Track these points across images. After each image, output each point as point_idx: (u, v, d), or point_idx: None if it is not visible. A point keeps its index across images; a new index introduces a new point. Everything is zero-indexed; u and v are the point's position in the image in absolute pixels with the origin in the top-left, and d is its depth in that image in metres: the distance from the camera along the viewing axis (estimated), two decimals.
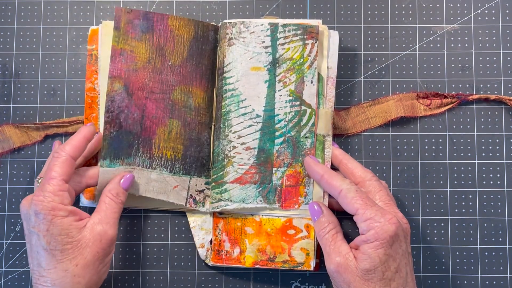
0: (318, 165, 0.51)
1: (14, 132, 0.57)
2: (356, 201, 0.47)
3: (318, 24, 0.54)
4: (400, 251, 0.46)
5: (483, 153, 0.56)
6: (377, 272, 0.45)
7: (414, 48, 0.57)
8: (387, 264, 0.45)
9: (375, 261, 0.45)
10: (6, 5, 0.59)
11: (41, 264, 0.47)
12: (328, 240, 0.48)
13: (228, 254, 0.54)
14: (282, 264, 0.53)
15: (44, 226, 0.46)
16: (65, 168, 0.48)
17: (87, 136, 0.51)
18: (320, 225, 0.50)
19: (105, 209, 0.50)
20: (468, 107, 0.56)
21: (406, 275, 0.46)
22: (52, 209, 0.47)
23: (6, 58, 0.58)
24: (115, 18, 0.54)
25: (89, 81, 0.56)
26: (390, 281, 0.45)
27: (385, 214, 0.46)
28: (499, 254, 0.55)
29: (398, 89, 0.57)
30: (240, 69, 0.53)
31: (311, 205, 0.51)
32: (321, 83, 0.53)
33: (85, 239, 0.48)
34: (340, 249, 0.47)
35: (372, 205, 0.46)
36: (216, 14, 0.58)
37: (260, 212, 0.53)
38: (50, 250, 0.46)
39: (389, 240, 0.45)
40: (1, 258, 0.57)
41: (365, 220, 0.46)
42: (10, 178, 0.57)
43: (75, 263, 0.47)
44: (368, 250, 0.45)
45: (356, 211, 0.47)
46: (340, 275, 0.46)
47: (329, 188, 0.50)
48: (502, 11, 0.57)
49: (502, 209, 0.55)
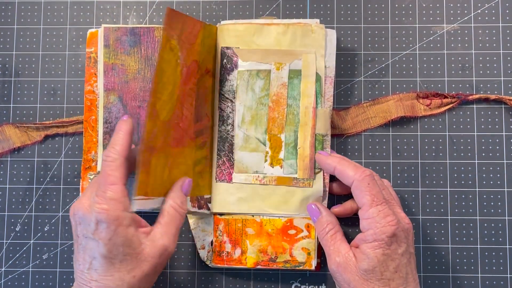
0: (329, 158, 0.51)
1: (14, 132, 0.57)
2: (364, 195, 0.47)
3: (316, 23, 0.54)
4: (400, 251, 0.46)
5: (483, 153, 0.56)
6: (376, 272, 0.45)
7: (414, 48, 0.57)
8: (385, 264, 0.45)
9: (373, 261, 0.45)
10: (6, 5, 0.59)
11: (97, 270, 0.45)
12: (328, 241, 0.49)
13: (229, 255, 0.54)
14: (283, 264, 0.53)
15: (107, 235, 0.45)
16: (122, 172, 0.47)
17: (130, 131, 0.48)
18: (320, 226, 0.50)
19: (168, 222, 0.48)
20: (468, 107, 0.56)
21: (406, 275, 0.46)
22: (117, 218, 0.45)
23: (6, 58, 0.58)
24: (104, 36, 0.56)
25: (88, 84, 0.56)
26: (389, 281, 0.45)
27: (387, 215, 0.46)
28: (499, 254, 0.55)
29: (398, 89, 0.57)
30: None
31: (310, 206, 0.52)
32: (318, 83, 0.53)
33: (145, 252, 0.46)
34: (339, 248, 0.48)
35: (379, 203, 0.47)
36: (216, 14, 0.58)
37: (260, 213, 0.54)
38: (110, 258, 0.45)
39: (387, 241, 0.45)
40: (1, 258, 0.57)
41: (366, 219, 0.46)
42: (10, 178, 0.57)
43: (133, 275, 0.46)
44: (366, 250, 0.46)
45: (362, 206, 0.47)
46: (340, 274, 0.47)
47: (342, 178, 0.50)
48: (502, 11, 0.57)
49: (502, 209, 0.55)
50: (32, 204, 0.57)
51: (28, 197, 0.57)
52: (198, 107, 0.54)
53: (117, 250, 0.45)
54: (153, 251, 0.47)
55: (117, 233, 0.45)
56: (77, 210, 0.46)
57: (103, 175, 0.46)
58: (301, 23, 0.54)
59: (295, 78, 0.54)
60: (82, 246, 0.46)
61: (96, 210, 0.45)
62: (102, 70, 0.56)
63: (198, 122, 0.54)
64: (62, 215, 0.57)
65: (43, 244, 0.57)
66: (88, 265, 0.46)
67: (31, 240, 0.57)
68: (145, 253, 0.46)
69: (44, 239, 0.57)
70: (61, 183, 0.57)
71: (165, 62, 0.49)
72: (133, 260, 0.46)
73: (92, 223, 0.45)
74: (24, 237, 0.57)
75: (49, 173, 0.57)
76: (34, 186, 0.57)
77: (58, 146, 0.57)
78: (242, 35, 0.54)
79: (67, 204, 0.57)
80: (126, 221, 0.45)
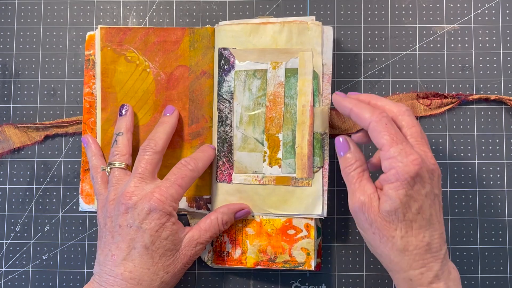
0: (346, 99, 0.48)
1: (14, 132, 0.57)
2: (383, 136, 0.44)
3: (312, 20, 0.53)
4: (424, 192, 0.44)
5: (483, 153, 0.56)
6: (398, 214, 0.43)
7: (414, 48, 0.57)
8: (408, 205, 0.43)
9: (396, 203, 0.43)
10: (6, 5, 0.59)
11: (134, 261, 0.46)
12: (354, 178, 0.46)
13: (229, 255, 0.54)
14: (283, 264, 0.53)
15: (155, 226, 0.47)
16: (189, 183, 0.50)
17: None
18: (347, 162, 0.47)
19: (207, 229, 0.51)
20: (468, 107, 0.56)
21: (430, 217, 0.44)
22: (169, 213, 0.47)
23: (6, 58, 0.58)
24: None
25: (87, 86, 0.56)
26: (412, 223, 0.43)
27: (409, 154, 0.43)
28: (499, 254, 0.55)
29: (398, 89, 0.57)
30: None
31: (337, 139, 0.48)
32: (316, 81, 0.53)
33: (183, 251, 0.49)
34: (365, 188, 0.46)
35: (399, 142, 0.44)
36: (216, 14, 0.58)
37: (261, 213, 0.54)
38: (151, 250, 0.47)
39: (410, 181, 0.43)
40: (1, 258, 0.57)
41: (388, 158, 0.44)
42: (10, 178, 0.57)
43: (167, 271, 0.47)
44: (389, 191, 0.43)
45: (382, 147, 0.44)
46: (364, 214, 0.45)
47: (358, 121, 0.47)
48: (502, 11, 0.57)
49: (502, 209, 0.55)
50: (32, 204, 0.57)
51: (28, 197, 0.57)
52: (193, 109, 0.55)
53: (160, 243, 0.47)
54: (189, 252, 0.49)
55: (165, 227, 0.47)
56: (128, 197, 0.48)
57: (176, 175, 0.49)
58: (297, 21, 0.53)
59: (292, 76, 0.53)
60: (120, 236, 0.47)
61: (154, 199, 0.47)
62: (100, 72, 0.56)
63: (194, 124, 0.55)
64: (62, 215, 0.57)
65: (43, 244, 0.57)
66: (125, 254, 0.47)
67: (31, 240, 0.57)
68: (182, 252, 0.49)
69: (44, 239, 0.57)
70: (61, 183, 0.57)
71: (122, 74, 0.55)
72: (171, 257, 0.48)
73: (143, 211, 0.47)
74: (24, 237, 0.57)
75: (49, 173, 0.57)
76: (34, 186, 0.57)
77: (58, 146, 0.58)
78: (238, 35, 0.54)
79: (67, 204, 0.57)
80: (173, 219, 0.48)
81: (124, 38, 0.55)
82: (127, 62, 0.56)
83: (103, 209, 0.50)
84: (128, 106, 0.54)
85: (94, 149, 0.54)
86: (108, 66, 0.55)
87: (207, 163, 0.52)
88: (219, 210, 0.52)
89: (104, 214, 0.50)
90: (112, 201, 0.49)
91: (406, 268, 0.44)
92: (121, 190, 0.49)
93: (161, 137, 0.51)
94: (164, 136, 0.51)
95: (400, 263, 0.44)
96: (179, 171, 0.49)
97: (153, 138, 0.51)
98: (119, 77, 0.55)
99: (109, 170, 0.51)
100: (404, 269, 0.44)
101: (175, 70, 0.55)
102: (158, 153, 0.50)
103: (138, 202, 0.47)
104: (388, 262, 0.45)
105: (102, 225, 0.50)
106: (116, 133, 0.53)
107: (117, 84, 0.55)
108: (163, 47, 0.55)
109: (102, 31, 0.55)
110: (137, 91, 0.55)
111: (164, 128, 0.52)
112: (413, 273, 0.43)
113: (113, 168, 0.51)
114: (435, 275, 0.43)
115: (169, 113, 0.53)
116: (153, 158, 0.50)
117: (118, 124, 0.54)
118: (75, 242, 0.57)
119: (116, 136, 0.52)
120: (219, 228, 0.52)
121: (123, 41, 0.55)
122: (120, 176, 0.51)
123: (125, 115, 0.54)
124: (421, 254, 0.43)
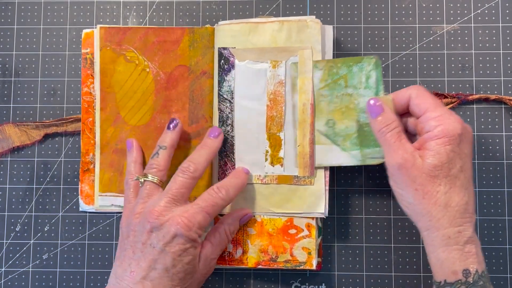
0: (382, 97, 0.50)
1: (13, 131, 0.57)
2: (427, 99, 0.47)
3: (312, 19, 0.53)
4: (466, 151, 0.46)
5: (483, 153, 0.56)
6: (444, 168, 0.45)
7: (414, 48, 0.57)
8: (453, 161, 0.45)
9: (443, 156, 0.45)
10: (6, 5, 0.59)
11: (153, 281, 0.46)
12: (393, 137, 0.47)
13: (231, 255, 0.54)
14: (284, 264, 0.53)
15: (179, 250, 0.46)
16: (218, 211, 0.50)
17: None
18: (383, 122, 0.48)
19: (218, 244, 0.51)
20: (468, 107, 0.57)
21: (470, 177, 0.46)
22: (194, 240, 0.47)
23: (6, 58, 0.58)
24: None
25: (85, 85, 0.56)
26: (456, 179, 0.45)
27: (453, 114, 0.46)
28: (499, 254, 0.55)
29: (398, 89, 0.57)
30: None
31: (369, 102, 0.49)
32: (379, 69, 0.52)
33: (200, 272, 0.49)
34: (405, 146, 0.46)
35: (442, 106, 0.47)
36: (216, 14, 0.58)
37: (264, 212, 0.54)
38: (172, 273, 0.46)
39: (457, 138, 0.45)
40: (1, 258, 0.57)
41: (435, 117, 0.46)
42: (10, 178, 0.57)
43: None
44: (435, 146, 0.45)
45: (427, 109, 0.46)
46: (407, 170, 0.45)
47: (398, 96, 0.49)
48: (502, 11, 0.57)
49: (502, 209, 0.55)
50: (32, 204, 0.57)
51: (28, 197, 0.57)
52: (193, 109, 0.55)
53: (181, 267, 0.47)
54: (205, 270, 0.50)
55: (188, 252, 0.47)
56: (155, 217, 0.47)
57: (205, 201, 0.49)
58: (296, 19, 0.53)
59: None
60: (142, 254, 0.47)
61: (181, 224, 0.46)
62: (99, 72, 0.56)
63: (194, 124, 0.55)
64: (62, 215, 0.57)
65: (43, 244, 0.57)
66: (144, 274, 0.46)
67: (31, 240, 0.57)
68: (199, 272, 0.49)
69: (44, 239, 0.57)
70: (61, 183, 0.57)
71: (121, 74, 0.55)
72: (189, 279, 0.48)
73: (169, 234, 0.46)
74: (24, 237, 0.57)
75: (49, 173, 0.57)
76: (34, 186, 0.57)
77: (58, 146, 0.57)
78: (237, 35, 0.54)
79: (67, 204, 0.57)
80: (196, 244, 0.48)
81: (124, 38, 0.55)
82: (127, 62, 0.56)
83: (127, 219, 0.49)
84: (178, 122, 0.53)
85: (135, 156, 0.53)
86: (107, 66, 0.55)
87: (238, 191, 0.51)
88: (225, 221, 0.52)
89: (128, 225, 0.49)
90: (138, 215, 0.48)
91: (446, 225, 0.45)
92: (150, 206, 0.48)
93: (201, 162, 0.50)
94: (205, 163, 0.50)
95: (441, 220, 0.45)
96: (210, 197, 0.49)
97: (195, 162, 0.50)
98: (118, 77, 0.55)
99: (142, 181, 0.51)
100: (444, 226, 0.45)
101: (175, 70, 0.55)
102: (195, 179, 0.50)
103: (165, 224, 0.47)
104: (428, 220, 0.45)
105: (124, 235, 0.49)
106: (159, 145, 0.52)
107: (116, 84, 0.55)
108: (162, 47, 0.55)
109: (102, 31, 0.55)
110: (137, 91, 0.55)
111: (206, 152, 0.51)
112: (452, 230, 0.45)
113: (146, 181, 0.50)
114: (470, 236, 0.45)
115: (213, 136, 0.52)
116: (189, 182, 0.49)
117: (163, 137, 0.52)
118: (75, 242, 0.57)
119: (159, 149, 0.51)
120: (228, 239, 0.52)
121: (123, 41, 0.55)
122: (151, 190, 0.50)
123: (172, 130, 0.52)
124: (461, 212, 0.45)
